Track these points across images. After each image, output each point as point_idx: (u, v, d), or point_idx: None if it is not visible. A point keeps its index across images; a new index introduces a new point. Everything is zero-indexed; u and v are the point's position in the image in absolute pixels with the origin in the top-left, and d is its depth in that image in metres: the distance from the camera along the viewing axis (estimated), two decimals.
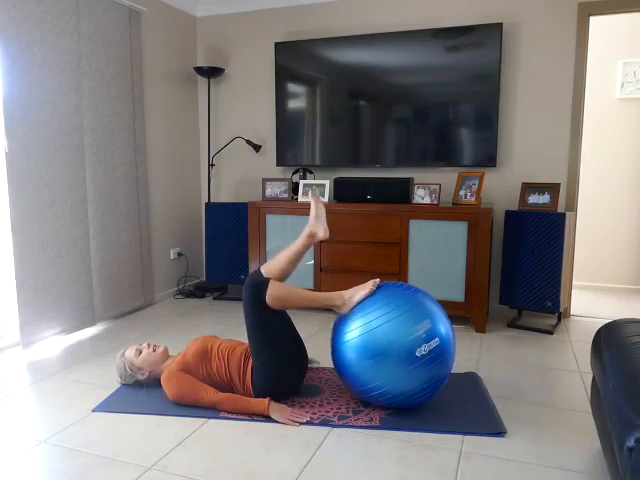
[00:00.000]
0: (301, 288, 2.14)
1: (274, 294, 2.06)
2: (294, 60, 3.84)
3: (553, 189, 3.23)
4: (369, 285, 2.10)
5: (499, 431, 1.96)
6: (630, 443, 1.19)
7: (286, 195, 3.72)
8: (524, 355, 2.81)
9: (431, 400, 2.21)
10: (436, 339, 1.98)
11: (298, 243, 2.21)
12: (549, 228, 3.14)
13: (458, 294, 3.20)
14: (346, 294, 2.12)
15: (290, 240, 2.39)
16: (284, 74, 3.89)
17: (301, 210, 3.49)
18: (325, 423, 2.03)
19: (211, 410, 2.10)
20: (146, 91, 3.74)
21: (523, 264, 3.24)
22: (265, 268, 2.16)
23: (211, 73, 4.00)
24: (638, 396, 1.27)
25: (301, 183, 3.67)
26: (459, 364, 2.65)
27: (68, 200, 3.06)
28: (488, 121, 3.43)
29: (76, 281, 3.13)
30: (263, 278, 2.12)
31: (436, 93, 3.52)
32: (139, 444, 1.89)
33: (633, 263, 4.33)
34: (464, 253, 3.16)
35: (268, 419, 2.05)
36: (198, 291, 4.09)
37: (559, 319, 3.38)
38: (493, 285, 3.63)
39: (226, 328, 3.26)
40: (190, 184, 4.31)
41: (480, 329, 3.20)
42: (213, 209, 3.93)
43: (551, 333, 3.18)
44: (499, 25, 3.33)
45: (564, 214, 3.10)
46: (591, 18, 3.32)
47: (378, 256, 3.36)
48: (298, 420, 2.04)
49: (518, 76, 3.46)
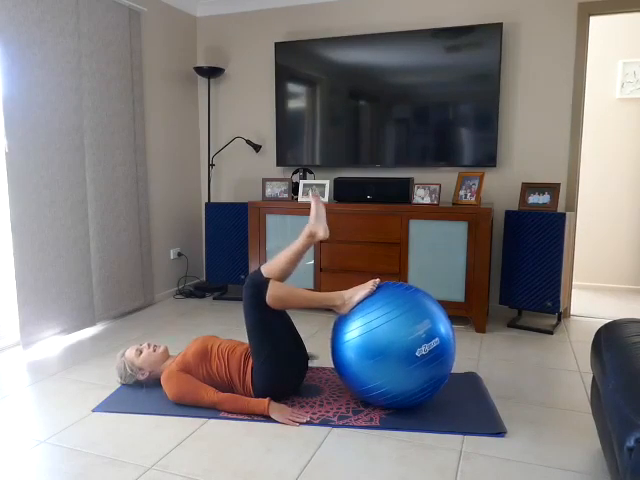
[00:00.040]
0: (301, 288, 2.14)
1: (274, 294, 2.06)
2: (294, 60, 3.84)
3: (553, 189, 3.24)
4: (369, 285, 2.10)
5: (499, 431, 1.96)
6: (630, 443, 1.19)
7: (286, 195, 3.72)
8: (524, 355, 2.81)
9: (431, 400, 2.21)
10: (436, 339, 1.98)
11: (298, 243, 2.21)
12: (549, 228, 3.14)
13: (458, 294, 3.20)
14: (346, 294, 2.12)
15: (290, 240, 2.39)
16: (284, 74, 3.89)
17: (301, 210, 3.49)
18: (325, 423, 2.03)
19: (211, 410, 2.10)
20: (146, 91, 3.74)
21: (523, 264, 3.24)
22: (265, 268, 2.17)
23: (211, 73, 4.00)
24: (638, 396, 1.27)
25: (301, 183, 3.67)
26: (459, 364, 2.66)
27: (68, 200, 3.06)
28: (488, 121, 3.43)
29: (76, 281, 3.13)
30: (263, 278, 2.12)
31: (436, 93, 3.52)
32: (139, 444, 1.89)
33: (633, 263, 4.34)
34: (464, 253, 3.16)
35: (268, 419, 2.05)
36: (198, 291, 4.09)
37: (559, 319, 3.38)
38: (493, 285, 3.63)
39: (226, 328, 3.26)
40: (190, 184, 4.31)
41: (480, 329, 3.20)
42: (213, 209, 3.94)
43: (551, 333, 3.18)
44: (499, 25, 3.33)
45: (564, 214, 3.10)
46: (591, 18, 3.32)
47: (378, 256, 3.36)
48: (298, 420, 2.04)
49: (518, 76, 3.46)
